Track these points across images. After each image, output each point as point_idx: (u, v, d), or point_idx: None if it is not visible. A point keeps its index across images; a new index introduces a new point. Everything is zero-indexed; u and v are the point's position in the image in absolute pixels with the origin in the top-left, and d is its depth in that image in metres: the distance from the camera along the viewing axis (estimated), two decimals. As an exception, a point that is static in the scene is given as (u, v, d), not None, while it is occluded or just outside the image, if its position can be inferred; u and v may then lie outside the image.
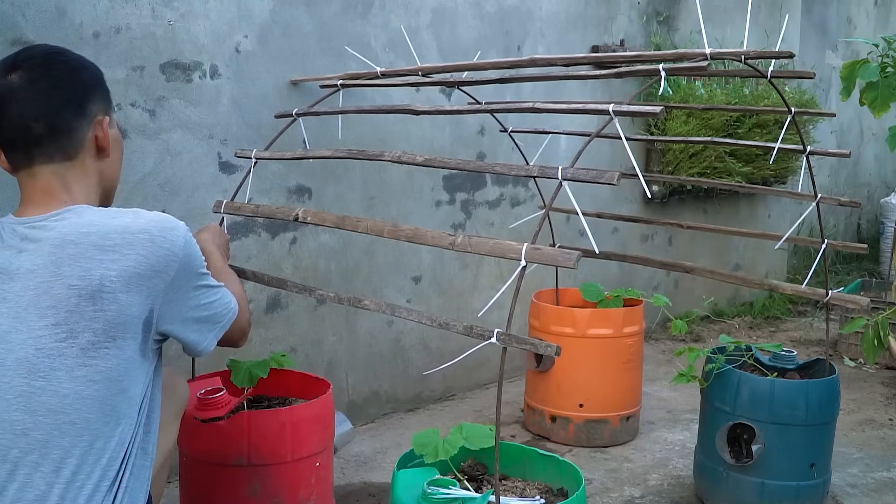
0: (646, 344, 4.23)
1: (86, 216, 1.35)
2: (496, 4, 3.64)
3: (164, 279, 1.35)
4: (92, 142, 1.43)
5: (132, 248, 1.31)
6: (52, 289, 1.28)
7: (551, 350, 1.48)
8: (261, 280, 2.18)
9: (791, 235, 2.83)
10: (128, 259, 1.30)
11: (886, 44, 3.25)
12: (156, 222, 1.36)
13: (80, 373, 1.27)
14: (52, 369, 1.26)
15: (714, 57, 1.91)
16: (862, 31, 7.10)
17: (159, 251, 1.34)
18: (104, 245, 1.30)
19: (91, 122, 1.42)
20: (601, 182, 1.55)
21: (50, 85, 1.38)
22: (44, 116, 1.37)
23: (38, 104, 1.37)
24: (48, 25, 2.35)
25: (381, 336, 3.40)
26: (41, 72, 1.38)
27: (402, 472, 1.78)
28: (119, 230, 1.32)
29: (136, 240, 1.32)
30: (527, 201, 3.91)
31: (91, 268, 1.28)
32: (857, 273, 6.44)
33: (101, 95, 1.46)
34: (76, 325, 1.27)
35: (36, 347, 1.26)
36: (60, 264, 1.29)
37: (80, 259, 1.29)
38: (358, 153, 2.17)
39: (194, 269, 1.43)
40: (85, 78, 1.43)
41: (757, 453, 2.47)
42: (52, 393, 1.26)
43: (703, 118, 4.45)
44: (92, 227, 1.32)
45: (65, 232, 1.32)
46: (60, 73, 1.40)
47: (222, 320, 1.53)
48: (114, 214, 1.37)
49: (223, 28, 2.73)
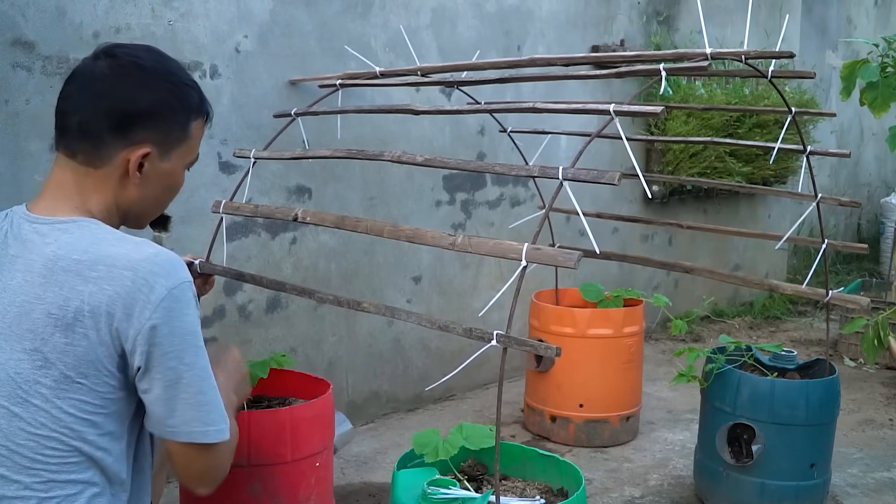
0: (646, 344, 4.23)
1: (87, 237, 1.26)
2: (496, 4, 3.64)
3: (135, 326, 1.21)
4: (122, 163, 1.32)
5: (111, 284, 1.21)
6: (32, 312, 1.22)
7: (551, 352, 1.48)
8: (260, 283, 2.17)
9: (791, 235, 2.82)
10: (104, 294, 1.20)
11: (886, 44, 3.25)
12: (150, 261, 1.23)
13: (54, 405, 1.21)
14: (28, 396, 1.21)
15: (714, 57, 1.91)
16: (862, 31, 7.09)
17: (137, 294, 1.21)
18: (89, 275, 1.21)
19: (130, 145, 1.31)
20: (602, 182, 1.55)
21: (105, 89, 1.30)
22: (81, 113, 1.30)
23: (86, 100, 1.30)
24: (48, 25, 2.35)
25: (381, 336, 3.40)
26: (112, 73, 1.30)
27: (402, 472, 1.78)
28: (108, 261, 1.22)
29: (119, 276, 1.21)
30: (527, 201, 3.91)
31: (70, 298, 1.21)
32: (857, 273, 6.44)
33: (158, 127, 1.33)
34: (50, 356, 1.21)
35: (16, 371, 1.22)
36: (46, 287, 1.22)
37: (64, 286, 1.21)
38: (358, 153, 2.17)
39: (178, 333, 1.24)
40: (148, 101, 1.31)
41: (757, 453, 2.47)
42: (29, 421, 1.21)
43: (703, 118, 4.45)
44: (86, 252, 1.23)
45: (59, 253, 1.24)
46: (124, 84, 1.31)
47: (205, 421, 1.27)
48: (117, 241, 1.27)
49: (223, 28, 2.73)
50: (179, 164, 1.40)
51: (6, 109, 2.30)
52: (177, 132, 1.36)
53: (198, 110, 1.40)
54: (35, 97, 2.35)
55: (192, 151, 1.43)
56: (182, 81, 1.37)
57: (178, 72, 1.38)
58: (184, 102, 1.36)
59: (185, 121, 1.37)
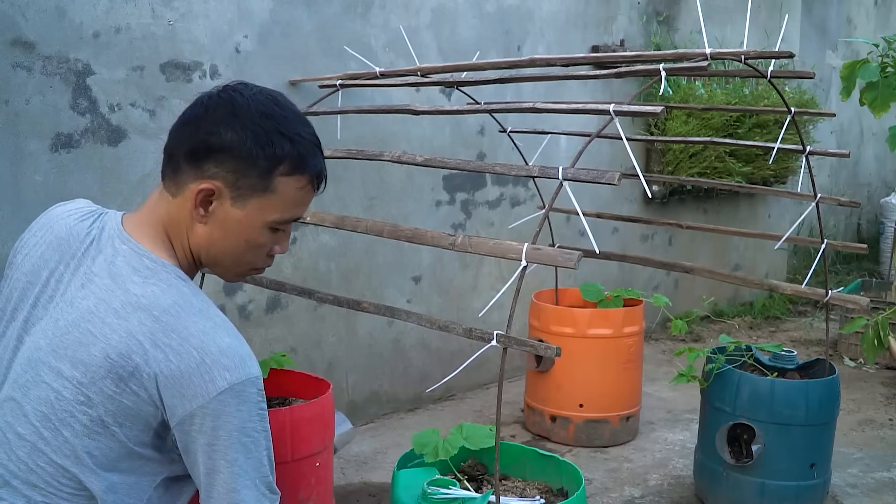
0: (646, 344, 4.23)
1: (172, 295, 1.22)
2: (496, 4, 3.64)
3: (185, 408, 1.18)
4: (192, 195, 1.26)
5: (178, 358, 1.17)
6: (92, 346, 1.19)
7: (551, 352, 1.48)
8: (260, 283, 2.17)
9: (791, 235, 2.82)
10: (168, 365, 1.17)
11: (886, 44, 3.25)
12: (221, 351, 1.19)
13: (83, 443, 1.19)
14: (61, 425, 1.19)
15: (714, 57, 1.91)
16: (862, 31, 7.09)
17: (198, 379, 1.17)
18: (160, 339, 1.18)
19: (199, 177, 1.25)
20: (602, 182, 1.55)
21: (194, 118, 1.27)
22: (172, 138, 1.29)
23: (178, 125, 1.29)
24: (48, 25, 2.35)
25: (381, 336, 3.40)
26: (208, 104, 1.28)
27: (402, 472, 1.78)
28: (184, 332, 1.19)
29: (188, 353, 1.18)
30: (527, 201, 3.91)
31: (134, 352, 1.17)
32: (857, 273, 6.44)
33: (230, 166, 1.25)
34: (94, 397, 1.18)
35: (56, 396, 1.19)
36: (115, 329, 1.19)
37: (131, 339, 1.18)
38: (358, 153, 2.17)
39: (226, 428, 1.19)
40: (227, 137, 1.24)
41: (757, 453, 2.47)
42: (54, 448, 1.19)
43: (703, 118, 4.45)
44: (166, 313, 1.20)
45: (142, 302, 1.20)
46: (212, 116, 1.26)
47: None
48: (198, 312, 1.22)
49: (223, 28, 2.73)
50: (257, 217, 1.28)
51: (6, 109, 2.30)
52: (253, 179, 1.26)
53: (292, 165, 1.27)
54: (35, 97, 2.35)
55: (278, 209, 1.29)
56: (277, 129, 1.26)
57: (278, 119, 1.27)
58: (267, 150, 1.25)
59: (266, 169, 1.26)
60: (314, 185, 1.32)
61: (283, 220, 1.31)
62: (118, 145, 2.53)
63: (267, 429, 1.26)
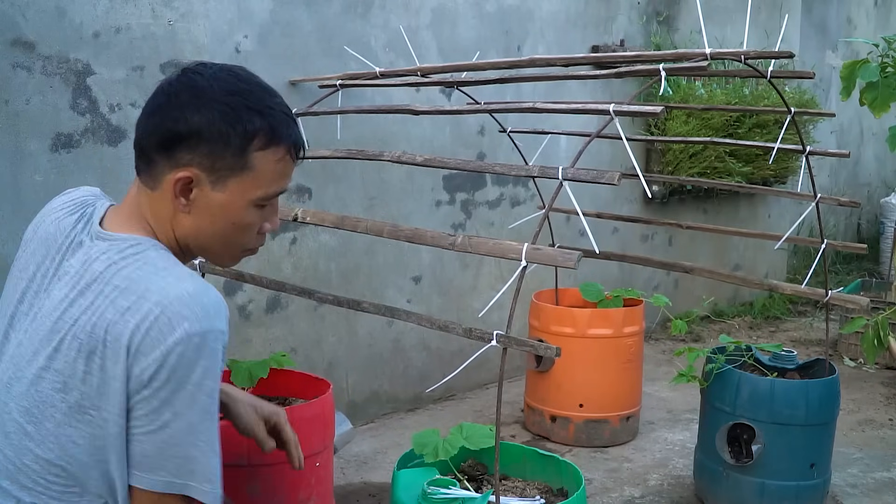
0: (646, 344, 4.23)
1: (138, 262, 1.19)
2: (496, 4, 3.64)
3: (142, 364, 1.12)
4: (171, 185, 1.22)
5: (135, 316, 1.12)
6: (62, 331, 1.16)
7: (551, 352, 1.48)
8: (260, 283, 2.17)
9: (791, 235, 2.82)
10: (126, 326, 1.12)
11: (886, 44, 3.25)
12: (182, 301, 1.13)
13: (64, 432, 1.15)
14: (43, 417, 1.16)
15: (714, 57, 1.91)
16: (862, 31, 7.09)
17: (153, 332, 1.11)
18: (120, 303, 1.14)
19: (175, 167, 1.21)
20: (602, 182, 1.55)
21: (158, 106, 1.23)
22: (139, 129, 1.25)
23: (144, 116, 1.25)
24: (48, 25, 2.35)
25: (381, 336, 3.40)
26: (170, 90, 1.24)
27: (403, 472, 1.78)
28: (142, 291, 1.14)
29: (147, 310, 1.13)
30: (526, 201, 3.91)
31: (97, 325, 1.14)
32: (857, 273, 6.44)
33: (203, 150, 1.21)
34: (69, 381, 1.15)
35: (37, 388, 1.17)
36: (79, 308, 1.16)
37: (96, 311, 1.15)
38: (358, 153, 2.17)
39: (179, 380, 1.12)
40: (194, 121, 1.20)
41: (757, 453, 2.47)
42: (38, 442, 1.17)
43: (703, 118, 4.45)
44: (127, 279, 1.16)
45: (105, 275, 1.18)
46: (176, 102, 1.22)
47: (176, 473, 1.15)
48: (161, 270, 1.18)
49: (223, 28, 2.73)
50: (240, 197, 1.24)
51: (6, 109, 2.30)
52: (229, 159, 1.21)
53: (266, 138, 1.23)
54: (35, 97, 2.35)
55: (260, 185, 1.25)
56: (244, 104, 1.22)
57: (244, 94, 1.24)
58: (238, 127, 1.21)
59: (240, 148, 1.21)
60: (292, 155, 1.29)
61: (268, 195, 1.27)
62: (118, 145, 2.53)
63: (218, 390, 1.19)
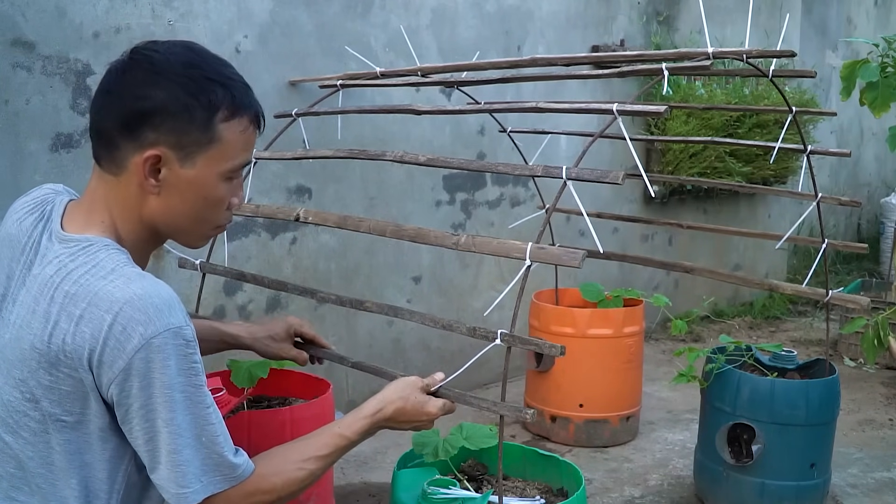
0: (646, 344, 4.22)
1: (87, 264, 1.16)
2: (496, 4, 3.64)
3: (108, 376, 1.11)
4: (137, 169, 1.19)
5: (89, 326, 1.11)
6: (22, 340, 1.15)
7: (556, 351, 1.48)
8: (261, 282, 2.17)
9: (791, 235, 2.82)
10: (82, 336, 1.11)
11: (886, 44, 3.24)
12: (132, 305, 1.11)
13: (43, 440, 1.15)
14: (18, 427, 1.16)
15: (716, 56, 1.90)
16: (862, 31, 7.09)
17: (112, 342, 1.10)
18: (73, 311, 1.12)
19: (140, 147, 1.18)
20: (606, 182, 1.54)
21: (114, 87, 1.20)
22: (95, 113, 1.22)
23: (99, 99, 1.21)
24: (48, 25, 2.34)
25: (381, 336, 3.40)
26: (125, 69, 1.20)
27: (403, 472, 1.78)
28: (91, 298, 1.12)
29: (99, 318, 1.11)
30: (527, 201, 3.91)
31: (54, 334, 1.12)
32: (857, 273, 6.44)
33: (168, 127, 1.18)
34: (36, 391, 1.14)
35: (8, 398, 1.16)
36: (35, 316, 1.15)
37: (50, 319, 1.13)
38: (358, 153, 2.16)
39: (155, 386, 1.12)
40: (156, 98, 1.17)
41: (757, 453, 2.47)
42: (17, 451, 1.16)
43: (703, 118, 4.45)
44: (76, 284, 1.14)
45: (55, 280, 1.15)
46: (133, 80, 1.19)
47: (180, 483, 1.16)
48: (109, 273, 1.15)
49: (223, 28, 2.73)
50: (210, 171, 1.22)
51: (6, 109, 2.30)
52: (195, 133, 1.19)
53: (229, 109, 1.22)
54: (35, 97, 2.34)
55: (228, 157, 1.24)
56: (204, 76, 1.21)
57: (203, 66, 1.22)
58: (201, 99, 1.19)
59: (205, 121, 1.20)
60: (255, 124, 1.28)
61: (235, 167, 1.26)
62: (118, 145, 2.53)
63: (205, 382, 1.19)
